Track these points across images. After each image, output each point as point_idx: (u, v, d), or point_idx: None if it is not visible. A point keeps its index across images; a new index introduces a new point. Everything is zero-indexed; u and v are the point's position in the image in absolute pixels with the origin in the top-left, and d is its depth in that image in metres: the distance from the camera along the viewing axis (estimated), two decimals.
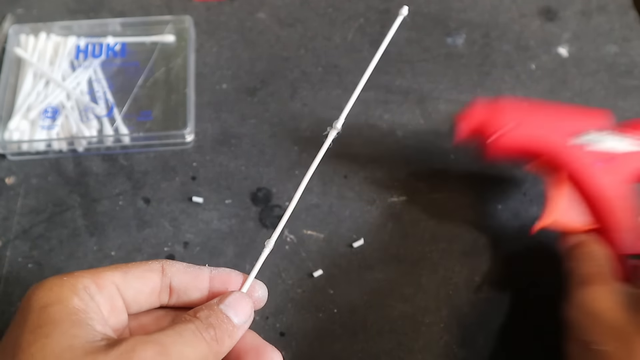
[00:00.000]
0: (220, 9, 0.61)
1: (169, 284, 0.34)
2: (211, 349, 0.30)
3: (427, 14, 0.62)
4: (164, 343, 0.29)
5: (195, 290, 0.34)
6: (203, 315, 0.31)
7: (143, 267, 0.33)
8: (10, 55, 0.55)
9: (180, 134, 0.52)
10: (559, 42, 0.60)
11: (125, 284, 0.32)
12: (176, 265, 0.34)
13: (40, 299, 0.30)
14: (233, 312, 0.32)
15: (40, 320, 0.29)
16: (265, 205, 0.50)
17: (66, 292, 0.30)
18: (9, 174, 0.51)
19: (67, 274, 0.31)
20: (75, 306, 0.30)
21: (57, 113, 0.53)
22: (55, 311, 0.29)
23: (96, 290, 0.31)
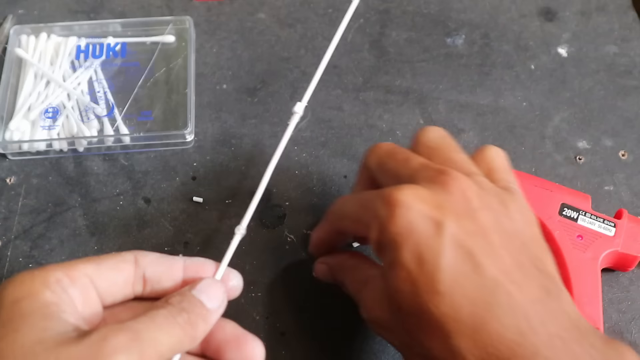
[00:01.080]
0: (220, 9, 0.61)
1: (142, 274, 0.34)
2: (186, 332, 0.30)
3: (427, 14, 0.62)
4: (137, 329, 0.29)
5: (168, 280, 0.34)
6: (175, 301, 0.32)
7: (116, 259, 0.33)
8: (11, 56, 0.55)
9: (180, 134, 0.52)
10: (558, 42, 0.60)
11: (98, 275, 0.32)
12: (149, 256, 0.34)
13: (11, 293, 0.30)
14: (205, 296, 0.33)
15: (10, 314, 0.29)
16: (265, 205, 0.50)
17: (37, 285, 0.30)
18: (9, 174, 0.51)
19: (39, 268, 0.31)
20: (47, 299, 0.29)
21: (57, 113, 0.53)
22: (25, 305, 0.29)
23: (69, 283, 0.31)
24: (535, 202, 0.46)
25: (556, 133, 0.55)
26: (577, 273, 0.44)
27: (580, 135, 0.55)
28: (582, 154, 0.54)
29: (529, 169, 0.52)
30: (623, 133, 0.55)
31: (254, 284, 0.46)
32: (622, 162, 0.53)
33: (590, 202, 0.47)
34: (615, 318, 0.46)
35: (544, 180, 0.48)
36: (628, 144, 0.54)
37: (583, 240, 0.45)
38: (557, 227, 0.45)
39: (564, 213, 0.46)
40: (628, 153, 0.54)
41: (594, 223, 0.46)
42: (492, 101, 0.56)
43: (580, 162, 0.53)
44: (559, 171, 0.53)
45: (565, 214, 0.46)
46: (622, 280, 0.48)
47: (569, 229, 0.45)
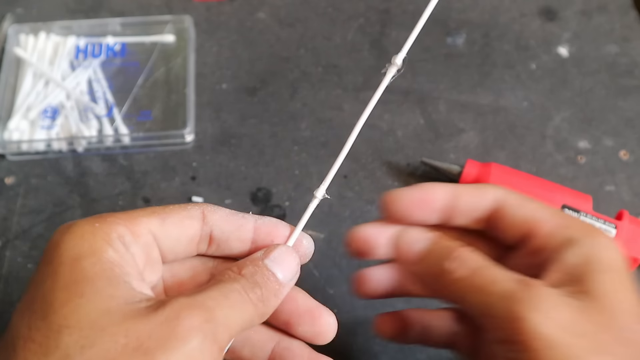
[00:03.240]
0: (220, 9, 0.61)
1: (209, 232, 0.31)
2: (257, 310, 0.28)
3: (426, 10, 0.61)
4: (210, 307, 0.26)
5: (237, 240, 0.31)
6: (248, 273, 0.28)
7: (182, 214, 0.30)
8: (9, 55, 0.55)
9: (180, 134, 0.52)
10: (559, 42, 0.60)
11: (162, 232, 0.29)
12: (218, 212, 0.31)
13: (71, 248, 0.26)
14: (279, 268, 0.30)
15: (73, 276, 0.25)
16: (265, 205, 0.50)
17: (99, 241, 0.27)
18: (8, 174, 0.51)
19: (98, 218, 0.28)
20: (110, 259, 0.27)
21: (56, 113, 0.53)
22: (89, 265, 0.26)
23: (132, 240, 0.28)
24: None
25: (557, 133, 0.54)
26: None
27: (581, 135, 0.54)
28: (582, 153, 0.53)
29: (530, 168, 0.52)
30: (624, 133, 0.55)
31: None
32: (623, 162, 0.53)
33: (591, 203, 0.47)
34: None
35: (544, 181, 0.48)
36: (629, 143, 0.54)
37: None
38: None
39: None
40: (629, 153, 0.54)
41: (595, 224, 0.45)
42: (493, 101, 0.56)
43: (581, 162, 0.53)
44: (559, 171, 0.52)
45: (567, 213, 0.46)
46: None
47: None
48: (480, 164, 0.49)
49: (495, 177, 0.47)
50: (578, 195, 0.47)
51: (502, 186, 0.34)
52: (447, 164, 0.50)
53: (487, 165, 0.48)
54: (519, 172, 0.48)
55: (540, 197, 0.46)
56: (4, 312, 0.45)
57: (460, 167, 0.49)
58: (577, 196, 0.47)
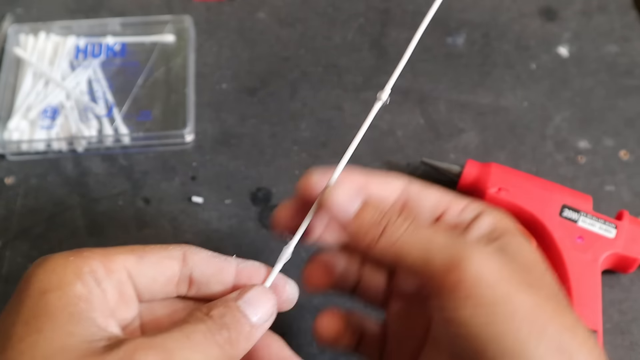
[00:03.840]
0: (220, 9, 0.61)
1: (189, 274, 0.30)
2: (224, 352, 0.27)
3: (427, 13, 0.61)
4: (169, 348, 0.25)
5: (217, 284, 0.31)
6: (217, 314, 0.28)
7: (161, 253, 0.30)
8: (9, 55, 0.55)
9: (180, 134, 0.52)
10: (559, 42, 0.60)
11: (139, 270, 0.29)
12: (200, 254, 0.30)
13: (39, 281, 0.27)
14: (252, 309, 0.29)
15: (36, 309, 0.26)
16: (265, 205, 0.50)
17: (69, 275, 0.27)
18: (8, 174, 0.51)
19: (74, 252, 0.28)
20: (77, 294, 0.26)
21: (56, 113, 0.53)
22: (53, 299, 0.26)
23: (104, 275, 0.28)
24: (535, 203, 0.46)
25: (557, 133, 0.54)
26: (577, 274, 0.44)
27: (581, 135, 0.54)
28: (583, 153, 0.53)
29: (530, 168, 0.52)
30: (624, 133, 0.55)
31: None
32: (623, 162, 0.53)
33: (591, 203, 0.47)
34: (616, 319, 0.46)
35: (544, 181, 0.48)
36: (629, 144, 0.54)
37: (583, 242, 0.45)
38: (557, 229, 0.45)
39: (565, 214, 0.46)
40: (629, 153, 0.54)
41: (595, 225, 0.45)
42: (493, 101, 0.56)
43: (581, 162, 0.53)
44: (559, 171, 0.52)
45: (566, 215, 0.46)
46: (623, 281, 0.47)
47: (570, 231, 0.45)
48: (480, 164, 0.49)
49: (495, 177, 0.47)
50: (578, 195, 0.47)
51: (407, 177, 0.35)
52: (447, 164, 0.50)
53: (487, 165, 0.48)
54: (519, 172, 0.48)
55: (540, 197, 0.46)
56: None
57: (461, 167, 0.49)
58: (577, 196, 0.47)
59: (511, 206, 0.46)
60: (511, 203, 0.46)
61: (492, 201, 0.47)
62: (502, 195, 0.46)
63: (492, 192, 0.47)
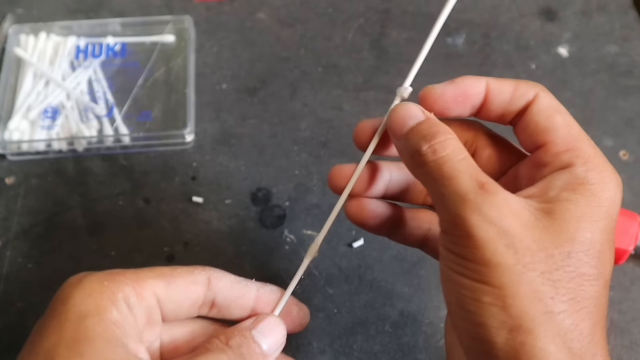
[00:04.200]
0: (220, 9, 0.61)
1: (212, 298, 0.32)
2: None
3: (427, 13, 0.62)
4: None
5: (238, 308, 0.33)
6: (235, 344, 0.30)
7: (188, 279, 0.32)
8: (10, 55, 0.55)
9: (180, 134, 0.52)
10: (559, 42, 0.60)
11: (167, 295, 0.31)
12: (223, 280, 0.32)
13: (77, 305, 0.28)
14: (265, 339, 0.31)
15: (76, 334, 0.28)
16: (265, 205, 0.50)
17: (105, 301, 0.29)
18: (9, 174, 0.51)
19: (107, 275, 0.30)
20: (112, 320, 0.28)
21: (57, 113, 0.53)
22: (92, 325, 0.28)
23: (136, 302, 0.30)
24: None
25: None
26: None
27: None
28: None
29: None
30: (624, 133, 0.55)
31: None
32: (623, 162, 0.53)
33: None
34: (616, 318, 0.46)
35: None
36: (629, 144, 0.54)
37: None
38: None
39: None
40: (629, 153, 0.54)
41: None
42: None
43: None
44: None
45: None
46: (622, 280, 0.47)
47: None
48: None
49: None
50: None
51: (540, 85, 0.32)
52: None
53: None
54: None
55: None
56: (3, 312, 0.45)
57: None
58: None
59: None
60: None
61: None
62: None
63: None
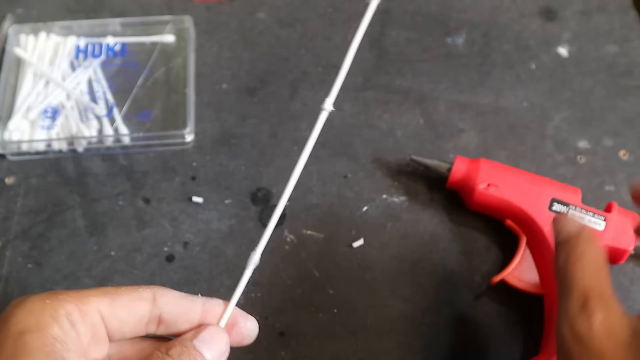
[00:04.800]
0: (220, 9, 0.61)
1: (158, 314, 0.32)
2: None
3: (427, 13, 0.62)
4: None
5: (185, 322, 0.33)
6: (175, 353, 0.30)
7: (133, 295, 0.32)
8: (10, 55, 0.55)
9: (180, 134, 0.52)
10: (559, 42, 0.60)
11: (111, 312, 0.31)
12: (168, 295, 0.32)
13: (18, 322, 0.28)
14: (206, 347, 0.31)
15: (15, 349, 0.28)
16: (265, 205, 0.50)
17: (46, 318, 0.29)
18: (8, 174, 0.51)
19: (49, 295, 0.30)
20: (53, 335, 0.28)
21: (57, 113, 0.53)
22: (31, 340, 0.28)
23: (79, 318, 0.30)
24: (524, 198, 0.46)
25: (557, 133, 0.55)
26: None
27: (581, 135, 0.54)
28: (582, 153, 0.54)
29: (530, 168, 0.52)
30: (624, 133, 0.55)
31: (253, 284, 0.46)
32: (623, 162, 0.53)
33: (580, 196, 0.47)
34: None
35: (533, 175, 0.48)
36: (629, 144, 0.54)
37: None
38: (547, 223, 0.45)
39: (554, 208, 0.46)
40: (629, 153, 0.54)
41: (584, 217, 0.45)
42: (493, 101, 0.56)
43: (581, 162, 0.53)
44: (559, 171, 0.52)
45: (555, 209, 0.46)
46: (622, 280, 0.48)
47: None
48: (469, 160, 0.49)
49: (484, 173, 0.47)
50: (567, 188, 0.47)
51: None
52: (437, 161, 0.50)
53: (475, 161, 0.48)
54: (508, 167, 0.48)
55: (529, 191, 0.46)
56: None
57: (450, 164, 0.49)
58: (565, 189, 0.47)
59: (500, 202, 0.47)
60: (500, 199, 0.46)
61: (482, 197, 0.47)
62: (491, 191, 0.47)
63: (482, 188, 0.47)
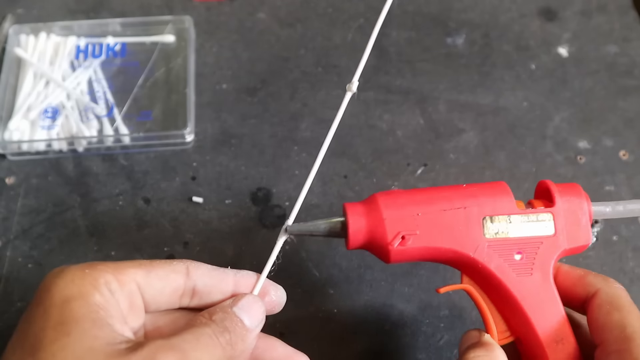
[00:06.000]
0: (220, 9, 0.61)
1: (192, 286, 0.33)
2: (225, 353, 0.30)
3: (427, 14, 0.62)
4: (184, 349, 0.29)
5: (219, 293, 0.34)
6: (218, 318, 0.31)
7: (167, 268, 0.33)
8: (10, 56, 0.55)
9: (180, 134, 0.52)
10: (559, 42, 0.60)
11: (147, 283, 0.32)
12: (201, 268, 0.33)
13: (61, 290, 0.29)
14: (246, 315, 0.32)
15: (62, 316, 0.28)
16: (265, 205, 0.50)
17: (87, 286, 0.29)
18: (9, 174, 0.51)
19: (88, 265, 0.30)
20: (96, 302, 0.29)
21: (57, 113, 0.53)
22: (76, 307, 0.28)
23: (117, 287, 0.30)
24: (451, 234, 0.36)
25: (557, 133, 0.55)
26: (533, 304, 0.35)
27: (581, 135, 0.54)
28: (582, 153, 0.54)
29: (529, 168, 0.52)
30: (624, 133, 0.55)
31: None
32: (623, 162, 0.53)
33: (509, 191, 0.37)
34: None
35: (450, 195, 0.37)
36: (628, 144, 0.54)
37: (524, 259, 0.36)
38: (491, 257, 0.35)
39: (491, 231, 0.36)
40: (629, 153, 0.54)
41: (528, 225, 0.36)
42: (493, 101, 0.56)
43: (581, 162, 0.53)
44: (559, 171, 0.52)
45: (492, 230, 0.36)
46: (622, 280, 0.47)
47: (505, 251, 0.36)
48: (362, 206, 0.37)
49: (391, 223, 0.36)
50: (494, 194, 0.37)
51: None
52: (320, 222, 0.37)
53: (370, 199, 0.38)
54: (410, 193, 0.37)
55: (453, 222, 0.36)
56: (3, 312, 0.45)
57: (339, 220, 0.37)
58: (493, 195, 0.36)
59: (425, 252, 0.36)
60: (423, 249, 0.36)
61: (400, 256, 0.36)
62: (409, 245, 0.35)
63: (396, 246, 0.35)
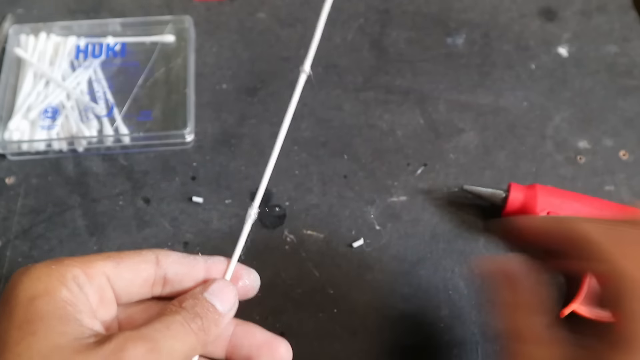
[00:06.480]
0: (220, 9, 0.61)
1: (163, 275, 0.33)
2: (199, 339, 0.30)
3: (427, 13, 0.62)
4: (154, 338, 0.28)
5: (190, 280, 0.33)
6: (189, 305, 0.31)
7: (136, 258, 0.32)
8: (10, 56, 0.55)
9: (180, 134, 0.52)
10: (559, 42, 0.60)
11: (116, 275, 0.31)
12: (171, 256, 0.33)
13: (27, 289, 0.28)
14: (217, 300, 0.32)
15: (27, 315, 0.28)
16: (265, 205, 0.50)
17: (54, 282, 0.29)
18: (9, 174, 0.51)
19: (55, 261, 0.30)
20: (63, 298, 0.29)
21: (57, 113, 0.53)
22: (42, 304, 0.28)
23: (85, 281, 0.30)
24: None
25: (557, 133, 0.55)
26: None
27: (581, 135, 0.54)
28: (582, 154, 0.54)
29: (530, 169, 0.52)
30: (624, 133, 0.55)
31: None
32: (623, 162, 0.53)
33: None
34: None
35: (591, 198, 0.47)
36: (628, 144, 0.54)
37: None
38: None
39: None
40: (629, 153, 0.54)
41: None
42: (493, 101, 0.56)
43: (581, 162, 0.53)
44: (559, 171, 0.52)
45: None
46: None
47: None
48: (524, 187, 0.47)
49: (542, 200, 0.46)
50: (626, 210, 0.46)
51: None
52: (491, 190, 0.48)
53: (532, 187, 0.47)
54: (564, 192, 0.47)
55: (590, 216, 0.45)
56: None
57: (505, 192, 0.48)
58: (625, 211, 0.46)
59: None
60: None
61: None
62: None
63: None
